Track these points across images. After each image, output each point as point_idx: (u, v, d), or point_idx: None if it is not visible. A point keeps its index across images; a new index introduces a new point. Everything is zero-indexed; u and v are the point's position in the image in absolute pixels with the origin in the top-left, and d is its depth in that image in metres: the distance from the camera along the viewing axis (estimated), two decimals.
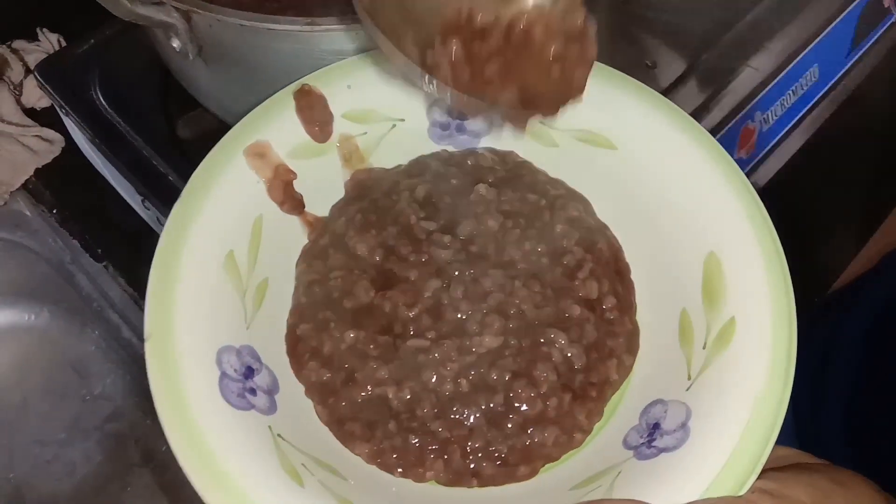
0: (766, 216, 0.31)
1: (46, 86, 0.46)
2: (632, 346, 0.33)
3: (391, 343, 0.32)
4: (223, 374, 0.29)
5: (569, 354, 0.32)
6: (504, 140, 0.37)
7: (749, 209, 0.32)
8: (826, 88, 0.55)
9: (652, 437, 0.29)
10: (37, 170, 0.50)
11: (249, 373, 0.30)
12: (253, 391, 0.29)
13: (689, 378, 0.30)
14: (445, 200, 0.35)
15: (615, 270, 0.34)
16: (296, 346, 0.32)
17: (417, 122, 0.37)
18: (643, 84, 0.35)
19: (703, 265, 0.31)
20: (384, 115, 0.36)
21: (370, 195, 0.36)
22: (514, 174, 0.36)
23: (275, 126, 0.34)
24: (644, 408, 0.30)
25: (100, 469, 0.49)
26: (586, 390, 0.31)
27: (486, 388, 0.31)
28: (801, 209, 0.56)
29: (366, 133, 0.36)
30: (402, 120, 0.36)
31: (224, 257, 0.31)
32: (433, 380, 0.31)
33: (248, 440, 0.28)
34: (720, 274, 0.31)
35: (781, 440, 0.28)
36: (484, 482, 0.30)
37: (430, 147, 0.37)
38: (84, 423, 0.51)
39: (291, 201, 0.34)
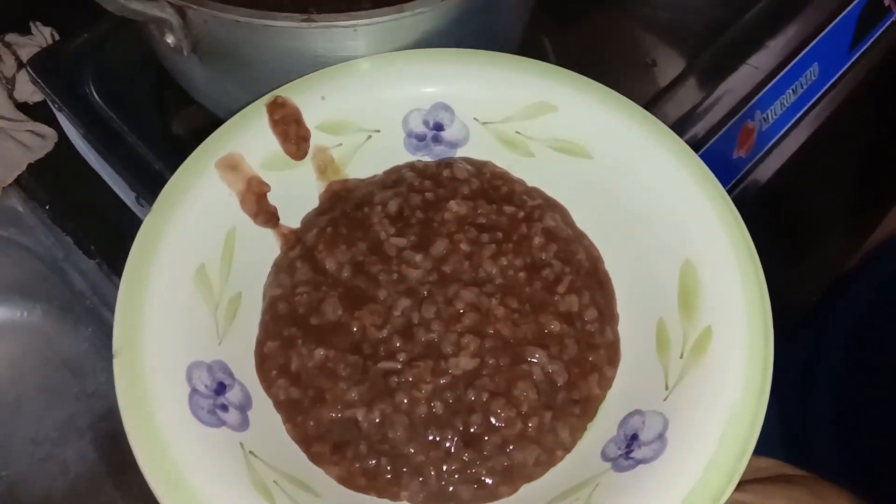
0: (742, 224, 0.31)
1: (39, 80, 0.46)
2: (613, 358, 0.32)
3: (361, 363, 0.31)
4: (193, 391, 0.28)
5: (550, 371, 0.31)
6: (480, 150, 0.37)
7: (724, 217, 0.31)
8: (826, 87, 0.54)
9: (630, 449, 0.28)
10: (29, 165, 0.50)
11: (221, 389, 0.29)
12: (224, 407, 0.29)
13: (667, 388, 0.29)
14: (418, 215, 0.35)
15: (596, 281, 0.34)
16: (263, 363, 0.32)
17: (393, 133, 0.36)
18: (619, 94, 0.35)
19: (679, 274, 0.31)
20: (359, 126, 0.36)
21: (342, 206, 0.35)
22: (490, 185, 0.36)
23: (247, 138, 0.34)
24: (622, 419, 0.30)
25: (94, 468, 0.49)
26: (568, 407, 0.31)
27: (462, 410, 0.30)
28: (801, 208, 0.56)
29: (340, 144, 0.36)
30: (378, 131, 0.36)
31: (195, 271, 0.31)
32: (405, 402, 0.30)
33: (219, 458, 0.27)
34: (696, 282, 0.31)
35: (768, 439, 0.27)
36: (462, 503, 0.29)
37: (406, 158, 0.37)
38: (78, 422, 0.50)
39: (265, 214, 0.34)
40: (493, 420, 0.30)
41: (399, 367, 0.31)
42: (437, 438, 0.30)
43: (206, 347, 0.30)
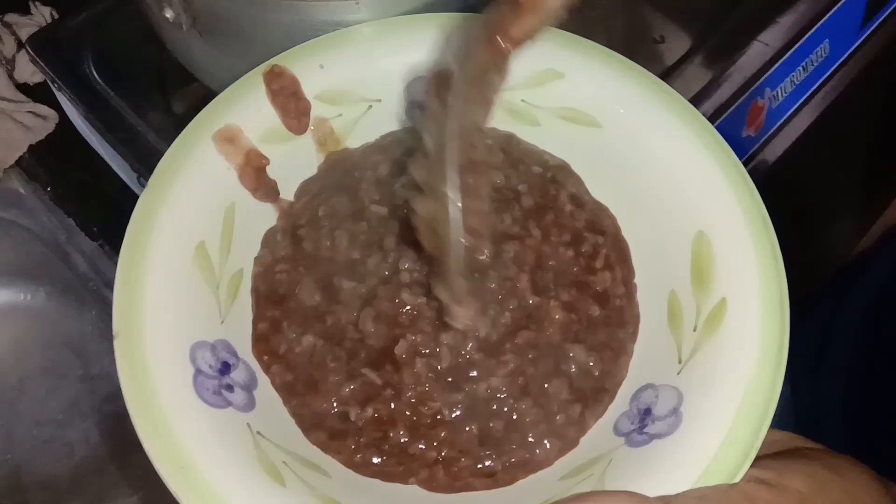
0: (757, 195, 0.30)
1: (39, 60, 0.45)
2: (635, 333, 0.31)
3: (345, 360, 0.30)
4: (197, 371, 0.27)
5: (587, 365, 0.30)
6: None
7: (738, 187, 0.30)
8: (837, 64, 0.53)
9: (643, 424, 0.28)
10: (30, 146, 0.49)
11: (225, 368, 0.29)
12: (230, 387, 0.28)
13: (680, 362, 0.29)
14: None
15: (619, 252, 0.33)
16: (255, 344, 0.31)
17: (395, 102, 0.35)
18: (628, 59, 0.34)
19: (691, 245, 0.30)
20: (359, 95, 0.35)
21: (335, 174, 0.34)
22: (501, 146, 0.35)
23: (245, 109, 0.33)
24: (634, 393, 0.29)
25: (99, 450, 0.49)
26: (598, 396, 0.30)
27: (480, 414, 0.29)
28: (810, 187, 0.55)
29: (340, 115, 0.35)
30: (379, 101, 0.35)
31: (194, 249, 0.30)
32: (403, 408, 0.29)
33: (226, 440, 0.26)
34: (709, 254, 0.30)
35: (780, 417, 0.27)
36: (473, 490, 0.28)
37: None
38: (82, 404, 0.50)
39: (265, 188, 0.33)
40: (514, 417, 0.29)
41: (380, 382, 0.29)
42: (450, 438, 0.28)
43: (209, 327, 0.29)
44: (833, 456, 0.28)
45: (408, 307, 0.30)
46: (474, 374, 0.29)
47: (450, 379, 0.29)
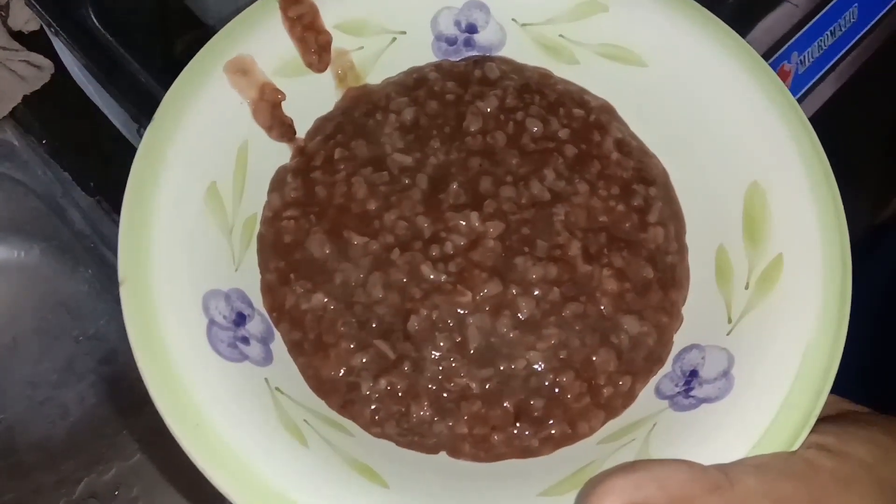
0: (818, 144, 0.28)
1: (35, 3, 0.43)
2: (685, 293, 0.29)
3: (356, 326, 0.27)
4: (211, 322, 0.25)
5: (644, 333, 0.28)
6: (517, 56, 0.33)
7: (798, 135, 0.28)
8: (865, 30, 0.52)
9: (689, 386, 0.26)
10: (25, 97, 0.48)
11: (241, 319, 0.27)
12: (245, 340, 0.26)
13: (730, 322, 0.27)
14: (440, 125, 0.31)
15: (671, 203, 0.30)
16: (263, 297, 0.28)
17: (420, 35, 0.33)
18: None
19: (744, 196, 0.28)
20: (382, 26, 0.32)
21: (354, 112, 0.32)
22: (537, 88, 0.32)
23: (259, 38, 0.30)
24: (678, 353, 0.28)
25: (94, 412, 0.48)
26: (649, 365, 0.28)
27: (516, 389, 0.27)
28: (835, 155, 0.53)
29: (362, 48, 0.32)
30: (403, 33, 0.32)
31: (206, 190, 0.28)
32: (429, 385, 0.27)
33: (243, 396, 0.24)
34: (764, 207, 0.28)
35: None
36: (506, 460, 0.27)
37: None
38: (77, 365, 0.49)
39: (280, 126, 0.31)
40: (556, 391, 0.27)
41: (394, 356, 0.27)
42: (482, 414, 0.26)
43: (222, 275, 0.27)
44: (889, 420, 0.26)
45: (425, 283, 0.28)
46: (508, 351, 0.27)
47: (479, 355, 0.27)
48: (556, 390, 0.27)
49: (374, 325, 0.27)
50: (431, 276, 0.28)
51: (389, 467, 0.25)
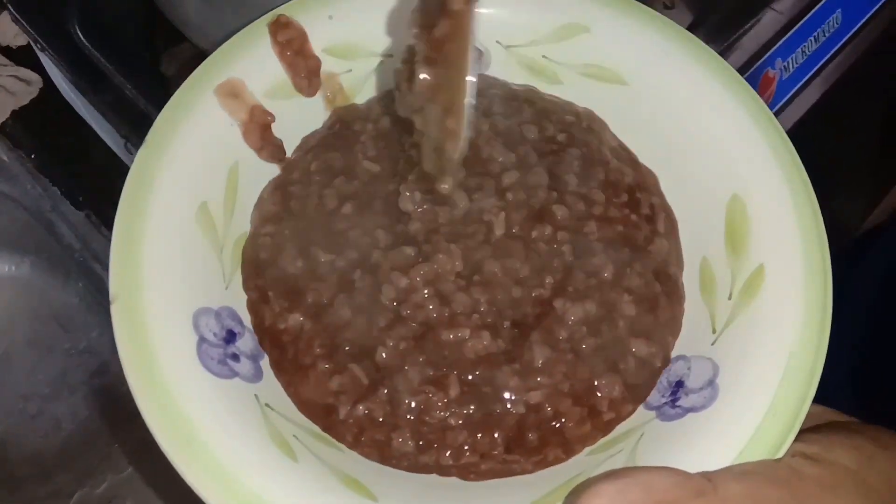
0: (795, 154, 0.29)
1: (21, 20, 0.43)
2: (684, 307, 0.29)
3: (329, 345, 0.27)
4: (201, 339, 0.26)
5: (651, 351, 0.27)
6: (502, 77, 0.34)
7: (775, 146, 0.29)
8: (848, 35, 0.52)
9: (676, 396, 0.26)
10: (14, 112, 0.48)
11: (231, 337, 0.27)
12: (236, 357, 0.26)
13: (714, 332, 0.27)
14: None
15: (667, 212, 0.30)
16: (250, 314, 0.28)
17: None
18: (654, 11, 0.32)
19: (725, 209, 0.29)
20: (370, 49, 0.33)
21: (335, 128, 0.32)
22: (524, 98, 0.32)
23: (249, 62, 0.31)
24: None
25: (86, 425, 0.48)
26: (650, 384, 0.27)
27: (506, 424, 0.26)
28: (818, 162, 0.54)
29: (350, 71, 0.33)
30: (390, 55, 0.33)
31: (196, 209, 0.28)
32: (409, 415, 0.26)
33: (233, 412, 0.25)
34: (745, 217, 0.28)
35: None
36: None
37: None
38: (70, 378, 0.49)
39: (270, 147, 0.31)
40: (554, 424, 0.26)
41: (366, 382, 0.26)
42: (468, 442, 0.26)
43: (213, 293, 0.27)
44: (877, 430, 0.27)
45: (393, 303, 0.27)
46: (502, 395, 0.26)
47: (461, 395, 0.26)
48: (555, 423, 0.26)
49: (346, 348, 0.27)
50: (393, 305, 0.27)
51: (378, 481, 0.25)
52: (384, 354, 0.27)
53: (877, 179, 0.59)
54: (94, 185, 0.47)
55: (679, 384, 0.27)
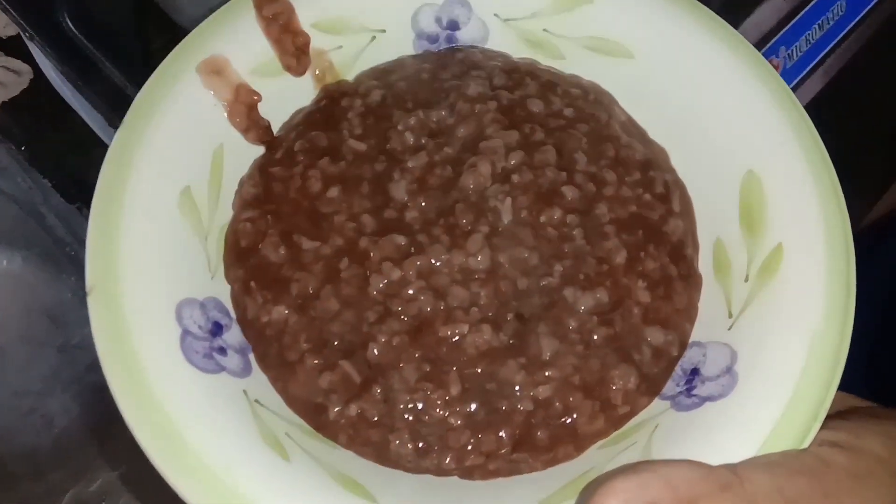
0: (812, 127, 0.27)
1: (9, 7, 0.42)
2: (701, 291, 0.28)
3: (317, 338, 0.26)
4: (185, 332, 0.24)
5: (668, 339, 0.26)
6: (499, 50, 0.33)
7: (793, 120, 0.27)
8: (853, 23, 0.51)
9: (691, 385, 0.25)
10: (3, 103, 0.48)
11: (217, 329, 0.25)
12: (223, 350, 0.25)
13: (730, 316, 0.26)
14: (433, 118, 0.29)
15: (681, 190, 0.29)
16: (234, 305, 0.27)
17: (400, 33, 0.32)
18: None
19: (739, 186, 0.27)
20: (361, 24, 0.31)
21: (322, 103, 0.31)
22: (528, 72, 0.31)
23: (233, 38, 0.29)
24: None
25: (80, 422, 0.47)
26: (667, 374, 0.26)
27: (514, 419, 0.25)
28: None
29: (341, 47, 0.31)
30: (383, 31, 0.32)
31: (179, 194, 0.26)
32: (406, 415, 0.25)
33: (220, 408, 0.23)
34: (761, 195, 0.27)
35: None
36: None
37: None
38: (62, 375, 0.48)
39: (257, 129, 0.30)
40: (565, 420, 0.25)
41: (359, 380, 0.25)
42: (471, 442, 0.24)
43: (198, 283, 0.26)
44: None
45: (379, 295, 0.26)
46: (508, 391, 0.25)
47: (462, 393, 0.25)
48: (566, 419, 0.25)
49: (335, 343, 0.26)
50: (383, 288, 0.26)
51: (377, 481, 0.24)
52: (376, 351, 0.25)
53: (884, 167, 0.59)
54: (86, 176, 0.45)
55: (694, 372, 0.25)
